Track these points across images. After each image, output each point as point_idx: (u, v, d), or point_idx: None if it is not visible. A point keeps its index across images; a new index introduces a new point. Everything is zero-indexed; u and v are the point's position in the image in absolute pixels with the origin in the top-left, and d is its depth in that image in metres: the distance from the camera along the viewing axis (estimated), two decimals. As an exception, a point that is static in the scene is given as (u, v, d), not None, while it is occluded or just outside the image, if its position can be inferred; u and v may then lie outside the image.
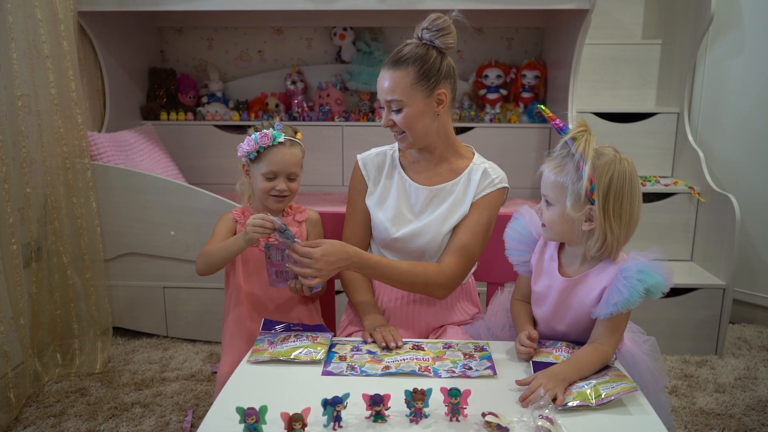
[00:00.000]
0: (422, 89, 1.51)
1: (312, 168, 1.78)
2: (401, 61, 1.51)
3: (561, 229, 1.33)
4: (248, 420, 1.04)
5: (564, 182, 1.28)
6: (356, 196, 1.68)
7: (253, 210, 1.69)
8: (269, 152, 1.61)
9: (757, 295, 2.96)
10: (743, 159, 2.93)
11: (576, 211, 1.28)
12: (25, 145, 2.28)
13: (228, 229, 1.68)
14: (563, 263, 1.38)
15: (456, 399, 1.11)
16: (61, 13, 2.40)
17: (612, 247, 1.30)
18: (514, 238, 1.47)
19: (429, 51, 1.51)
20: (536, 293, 1.44)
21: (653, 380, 1.41)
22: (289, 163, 1.63)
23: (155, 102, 3.35)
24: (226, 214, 1.71)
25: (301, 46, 3.49)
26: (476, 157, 1.65)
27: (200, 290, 2.69)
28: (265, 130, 1.62)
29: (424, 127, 1.56)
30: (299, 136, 1.68)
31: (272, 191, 1.62)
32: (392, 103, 1.53)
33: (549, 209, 1.33)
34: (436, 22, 1.51)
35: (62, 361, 2.47)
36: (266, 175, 1.62)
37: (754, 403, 2.25)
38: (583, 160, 1.24)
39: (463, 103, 3.34)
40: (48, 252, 2.44)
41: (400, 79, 1.50)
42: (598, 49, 3.17)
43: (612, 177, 1.26)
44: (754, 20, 2.85)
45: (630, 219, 1.29)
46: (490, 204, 1.58)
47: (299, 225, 1.71)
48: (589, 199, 1.26)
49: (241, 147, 1.62)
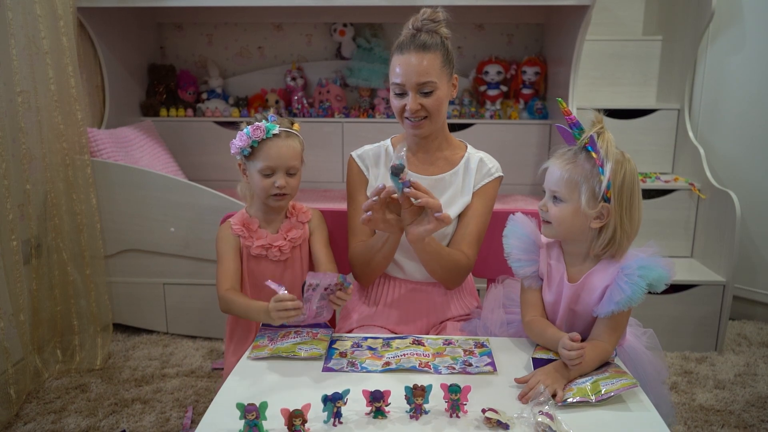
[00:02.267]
0: (447, 73, 1.55)
1: (312, 164, 1.74)
2: (428, 45, 1.52)
3: (570, 226, 1.31)
4: (248, 416, 1.04)
5: (577, 179, 1.27)
6: (357, 189, 1.67)
7: (251, 218, 1.60)
8: (264, 146, 1.51)
9: (757, 292, 2.96)
10: (744, 155, 2.93)
11: (591, 207, 1.26)
12: (24, 142, 2.28)
13: (233, 247, 1.57)
14: (567, 263, 1.37)
15: (456, 395, 1.11)
16: (60, 9, 2.40)
17: (619, 245, 1.30)
18: (519, 248, 1.42)
19: (442, 38, 1.55)
20: (548, 304, 1.41)
21: (655, 373, 1.41)
22: (287, 155, 1.53)
23: (155, 98, 3.35)
24: (226, 229, 1.59)
25: (301, 42, 3.49)
26: (470, 148, 1.69)
27: (200, 286, 2.69)
28: (258, 123, 1.51)
29: (445, 112, 1.59)
30: (296, 127, 1.58)
31: (272, 189, 1.53)
32: (425, 85, 1.52)
33: (558, 206, 1.31)
34: (435, 15, 1.55)
35: (62, 358, 2.47)
36: (263, 171, 1.52)
37: (754, 400, 2.26)
38: (605, 159, 1.23)
39: (464, 99, 3.34)
40: (48, 248, 2.44)
41: (433, 62, 1.51)
42: (599, 46, 3.17)
43: (624, 175, 1.26)
44: (755, 17, 2.85)
45: (638, 217, 1.30)
46: (490, 193, 1.63)
47: (303, 226, 1.64)
48: (604, 197, 1.25)
49: (233, 143, 1.52)
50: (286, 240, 1.59)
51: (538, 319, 1.40)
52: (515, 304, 1.51)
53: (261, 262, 1.59)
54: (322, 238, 1.66)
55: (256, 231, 1.59)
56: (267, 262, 1.60)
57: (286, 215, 1.64)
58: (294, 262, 1.63)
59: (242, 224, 1.59)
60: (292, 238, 1.60)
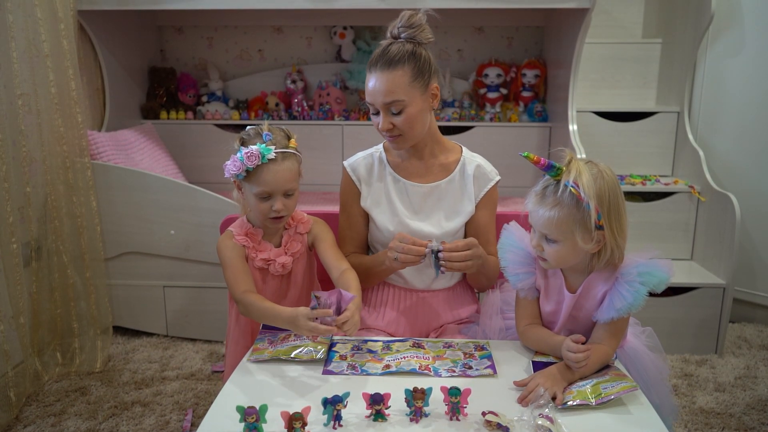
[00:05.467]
0: (419, 86, 1.50)
1: (312, 167, 1.73)
2: (395, 61, 1.47)
3: (569, 260, 1.30)
4: (248, 419, 1.04)
5: (567, 219, 1.24)
6: (350, 201, 1.67)
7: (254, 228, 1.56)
8: (259, 171, 1.45)
9: (757, 294, 2.96)
10: (743, 158, 2.93)
11: (587, 242, 1.25)
12: (25, 144, 2.28)
13: (240, 254, 1.52)
14: (566, 275, 1.37)
15: (456, 398, 1.11)
16: (60, 11, 2.40)
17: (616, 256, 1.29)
18: (515, 261, 1.41)
19: (416, 47, 1.50)
20: (547, 313, 1.41)
21: (657, 372, 1.41)
22: (284, 180, 1.47)
23: (155, 101, 3.35)
24: (229, 239, 1.54)
25: (301, 45, 3.49)
26: (465, 151, 1.67)
27: (200, 289, 2.69)
28: (252, 147, 1.43)
29: (423, 125, 1.55)
30: (293, 144, 1.51)
31: (270, 213, 1.48)
32: (392, 105, 1.49)
33: (553, 246, 1.28)
34: (413, 19, 1.50)
35: (62, 360, 2.47)
36: (259, 195, 1.47)
37: (754, 402, 2.25)
38: (588, 197, 1.21)
39: (464, 102, 3.34)
40: (48, 251, 2.44)
41: (398, 79, 1.47)
42: (599, 48, 3.17)
43: (609, 196, 1.25)
44: (755, 19, 2.85)
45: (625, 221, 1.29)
46: (494, 198, 1.65)
47: (302, 238, 1.60)
48: (598, 227, 1.24)
49: (227, 167, 1.47)
50: (287, 255, 1.57)
51: (534, 326, 1.40)
52: (513, 308, 1.50)
53: (263, 273, 1.58)
54: (327, 242, 1.60)
55: (260, 243, 1.56)
56: (269, 275, 1.58)
57: (285, 226, 1.60)
58: (296, 275, 1.61)
59: (246, 234, 1.56)
60: (293, 252, 1.58)
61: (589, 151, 2.78)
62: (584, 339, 1.26)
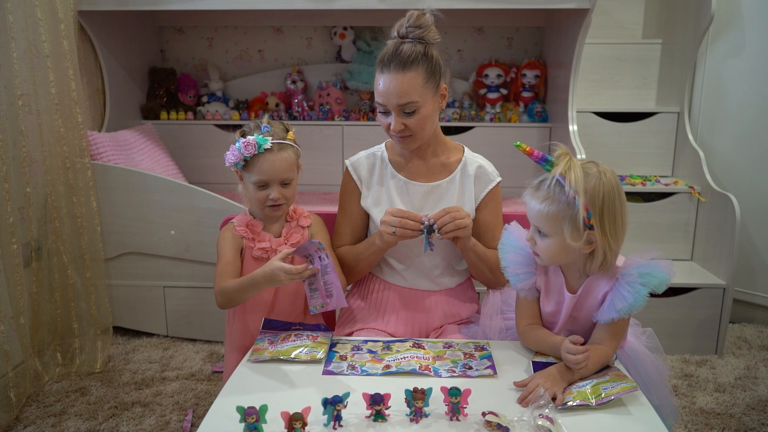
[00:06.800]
0: (431, 87, 1.50)
1: (312, 168, 1.74)
2: (409, 62, 1.46)
3: (560, 257, 1.31)
4: (248, 419, 1.04)
5: (557, 213, 1.25)
6: (349, 199, 1.67)
7: (255, 220, 1.60)
8: (257, 160, 1.50)
9: (757, 295, 2.96)
10: (743, 158, 2.93)
11: (576, 240, 1.24)
12: (25, 145, 2.28)
13: (235, 247, 1.57)
14: (567, 275, 1.37)
15: (456, 398, 1.11)
16: (61, 12, 2.40)
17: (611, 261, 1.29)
18: (516, 261, 1.41)
19: (427, 48, 1.50)
20: (547, 314, 1.41)
21: (657, 373, 1.41)
22: (280, 169, 1.52)
23: (155, 101, 3.35)
24: (229, 231, 1.59)
25: (301, 45, 3.49)
26: (467, 151, 1.67)
27: (200, 289, 2.69)
28: (250, 137, 1.50)
29: (432, 125, 1.56)
30: (290, 136, 1.56)
31: (267, 201, 1.53)
32: (406, 106, 1.48)
33: (545, 240, 1.29)
34: (421, 20, 1.49)
35: (62, 361, 2.47)
36: (257, 183, 1.53)
37: (755, 403, 2.25)
38: (575, 192, 1.21)
39: (464, 102, 3.34)
40: (48, 251, 2.44)
41: (413, 81, 1.47)
42: (599, 49, 3.17)
43: (603, 196, 1.24)
44: (755, 20, 2.85)
45: (624, 228, 1.28)
46: (497, 198, 1.65)
47: (303, 230, 1.63)
48: (588, 226, 1.24)
49: (227, 157, 1.53)
50: (287, 245, 1.59)
51: (534, 326, 1.40)
52: (513, 309, 1.50)
53: (261, 264, 1.59)
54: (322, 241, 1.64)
55: (259, 233, 1.59)
56: None
57: (287, 219, 1.64)
58: None
59: (246, 225, 1.59)
60: (293, 243, 1.60)
61: (589, 151, 2.78)
62: (583, 339, 1.26)
